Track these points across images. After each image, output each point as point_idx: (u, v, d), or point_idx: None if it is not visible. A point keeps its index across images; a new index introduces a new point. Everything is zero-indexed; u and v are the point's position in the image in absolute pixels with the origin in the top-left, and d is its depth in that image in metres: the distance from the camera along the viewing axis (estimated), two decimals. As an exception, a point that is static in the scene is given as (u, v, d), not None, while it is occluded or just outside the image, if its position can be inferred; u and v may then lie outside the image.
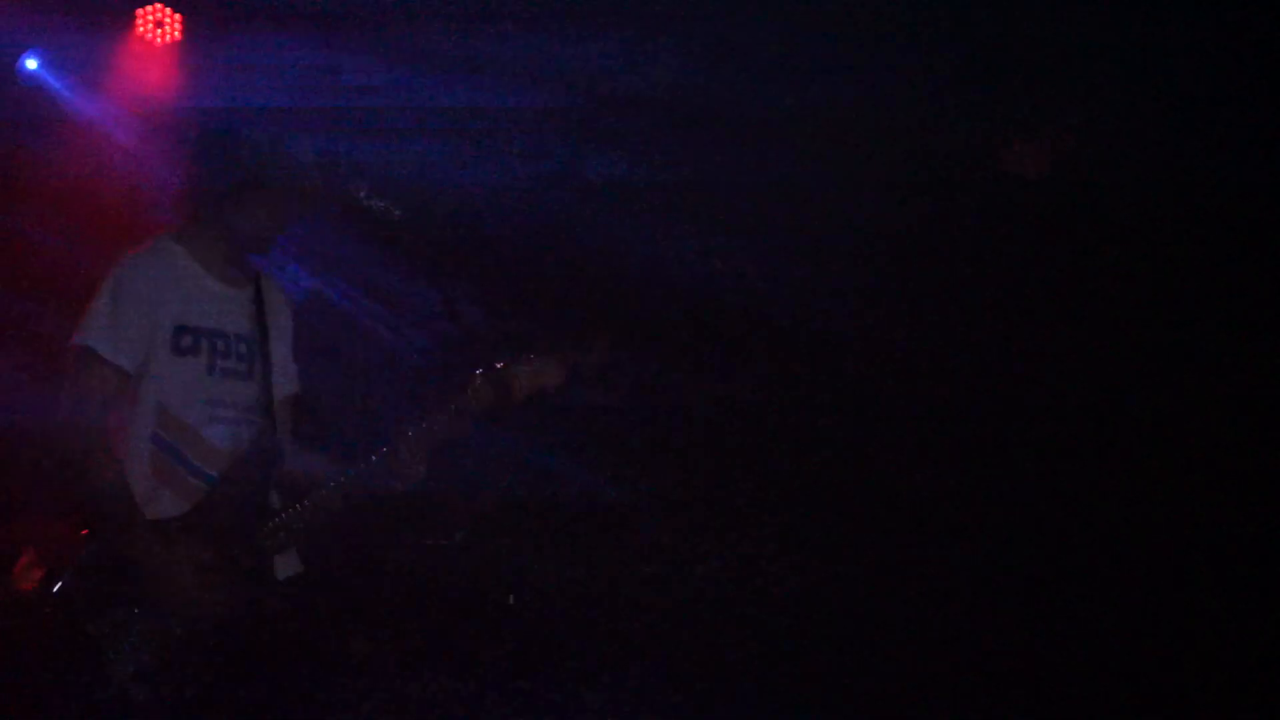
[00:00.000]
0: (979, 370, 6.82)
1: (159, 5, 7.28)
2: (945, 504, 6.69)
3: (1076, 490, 6.57)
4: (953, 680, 6.25)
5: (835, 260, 6.96)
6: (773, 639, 6.50)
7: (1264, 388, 6.46)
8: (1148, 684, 6.18)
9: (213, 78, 7.24)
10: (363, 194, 4.40)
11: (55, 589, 4.19)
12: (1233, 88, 6.35)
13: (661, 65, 7.01)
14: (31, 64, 7.23)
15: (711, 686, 6.35)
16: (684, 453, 6.99)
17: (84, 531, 4.24)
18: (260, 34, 7.02)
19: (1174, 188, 6.47)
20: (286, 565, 4.38)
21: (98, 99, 7.36)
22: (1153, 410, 6.58)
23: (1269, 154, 6.36)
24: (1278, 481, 6.35)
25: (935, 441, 6.84)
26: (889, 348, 6.95)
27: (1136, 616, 6.35)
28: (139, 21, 7.31)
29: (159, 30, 7.30)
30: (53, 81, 7.26)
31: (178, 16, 7.30)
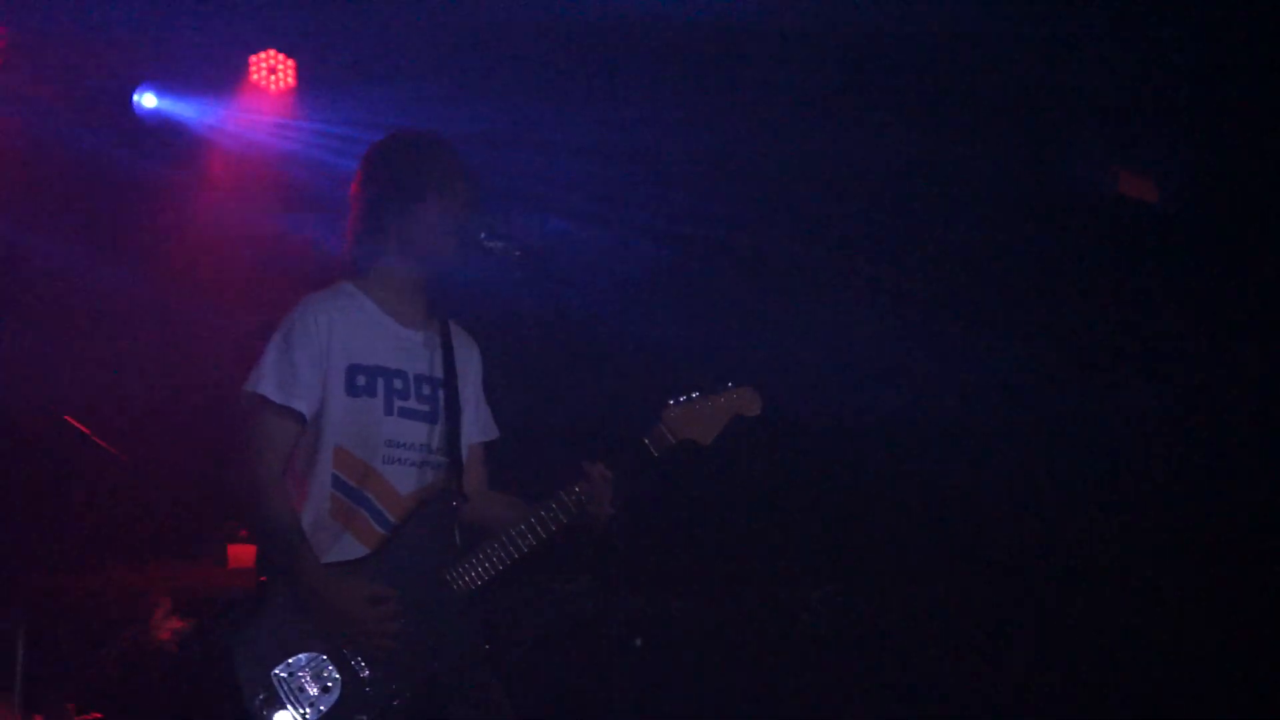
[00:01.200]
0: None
1: (272, 51, 7.40)
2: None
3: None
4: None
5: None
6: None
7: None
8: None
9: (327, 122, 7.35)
10: (482, 235, 4.38)
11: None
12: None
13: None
14: (148, 102, 7.35)
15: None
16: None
17: (262, 579, 4.24)
18: (375, 81, 7.11)
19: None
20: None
21: (221, 136, 7.50)
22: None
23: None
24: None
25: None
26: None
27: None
28: (252, 67, 7.43)
29: (272, 77, 7.42)
30: (173, 118, 7.39)
31: (291, 62, 7.43)
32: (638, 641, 6.11)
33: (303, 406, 4.24)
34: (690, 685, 6.42)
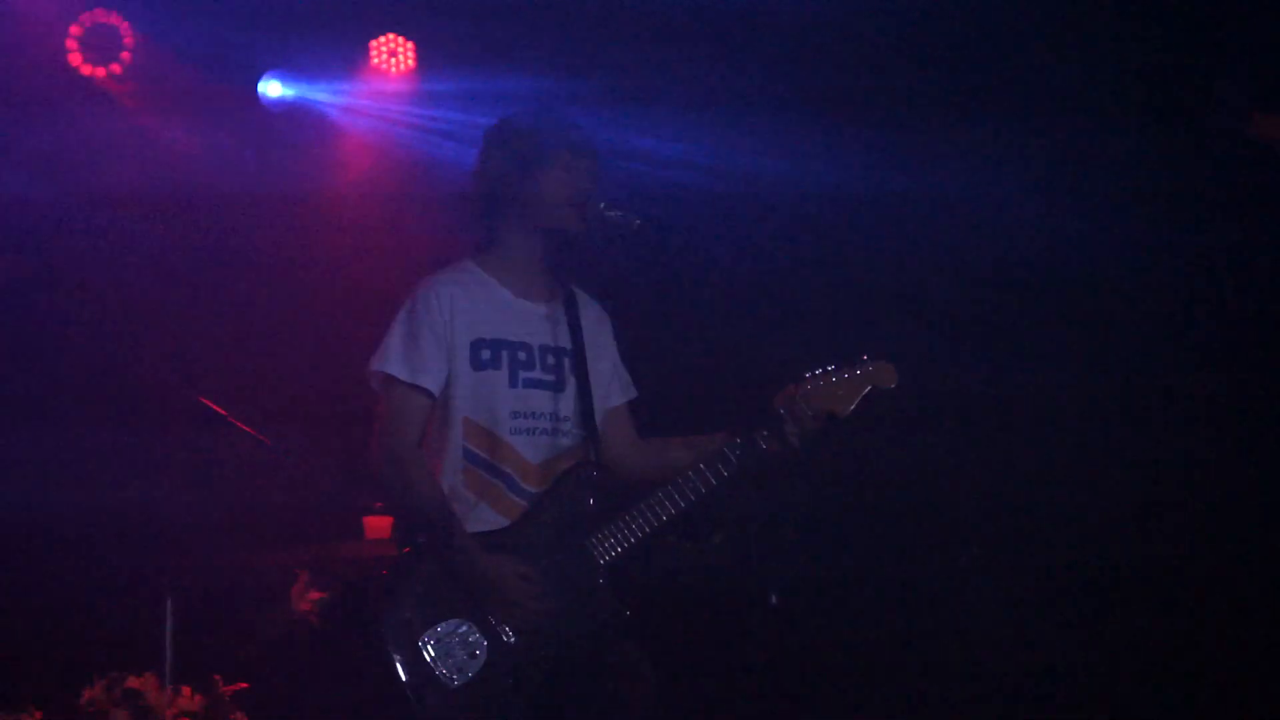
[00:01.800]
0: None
1: (393, 35, 7.52)
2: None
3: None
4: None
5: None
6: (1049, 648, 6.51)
7: None
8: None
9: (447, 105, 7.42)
10: (601, 205, 4.42)
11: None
12: None
13: None
14: (272, 90, 7.49)
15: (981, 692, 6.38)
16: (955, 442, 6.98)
17: (405, 550, 4.37)
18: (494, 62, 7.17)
19: None
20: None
21: (346, 120, 7.61)
22: None
23: None
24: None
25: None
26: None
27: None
28: (373, 51, 7.55)
29: (393, 60, 7.53)
30: (298, 104, 7.52)
31: (410, 44, 7.54)
32: (773, 599, 5.82)
33: (430, 383, 4.34)
34: (827, 646, 6.45)
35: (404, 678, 4.15)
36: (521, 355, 4.43)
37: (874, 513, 6.87)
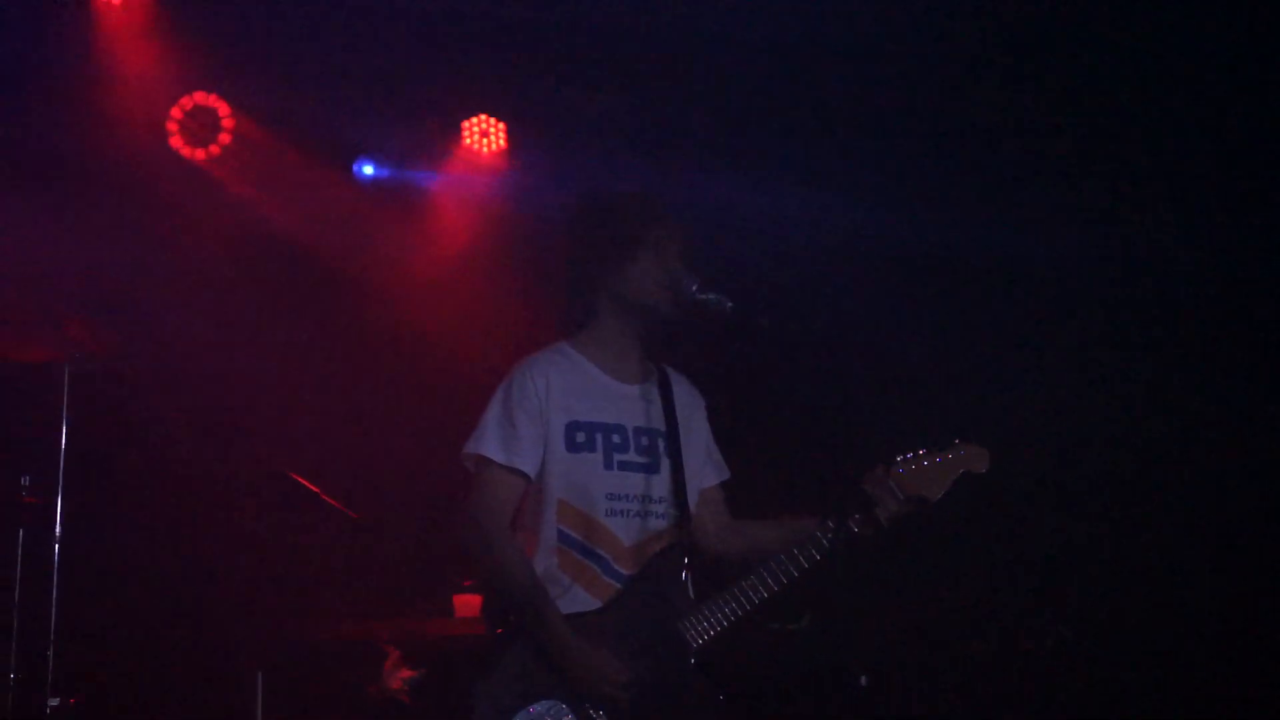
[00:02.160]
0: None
1: (484, 116, 7.65)
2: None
3: None
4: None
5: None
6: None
7: None
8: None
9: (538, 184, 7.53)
10: (695, 288, 4.37)
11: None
12: None
13: None
14: (368, 169, 7.60)
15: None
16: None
17: (498, 630, 4.32)
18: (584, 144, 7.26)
19: None
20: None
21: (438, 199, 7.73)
22: None
23: None
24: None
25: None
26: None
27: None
28: (465, 132, 7.69)
29: (484, 140, 7.67)
30: (393, 182, 7.65)
31: (502, 125, 7.67)
32: (863, 680, 6.06)
33: (526, 465, 4.33)
34: None
35: None
36: (616, 438, 4.42)
37: (960, 591, 6.85)
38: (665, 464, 4.44)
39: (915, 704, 6.27)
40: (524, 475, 4.34)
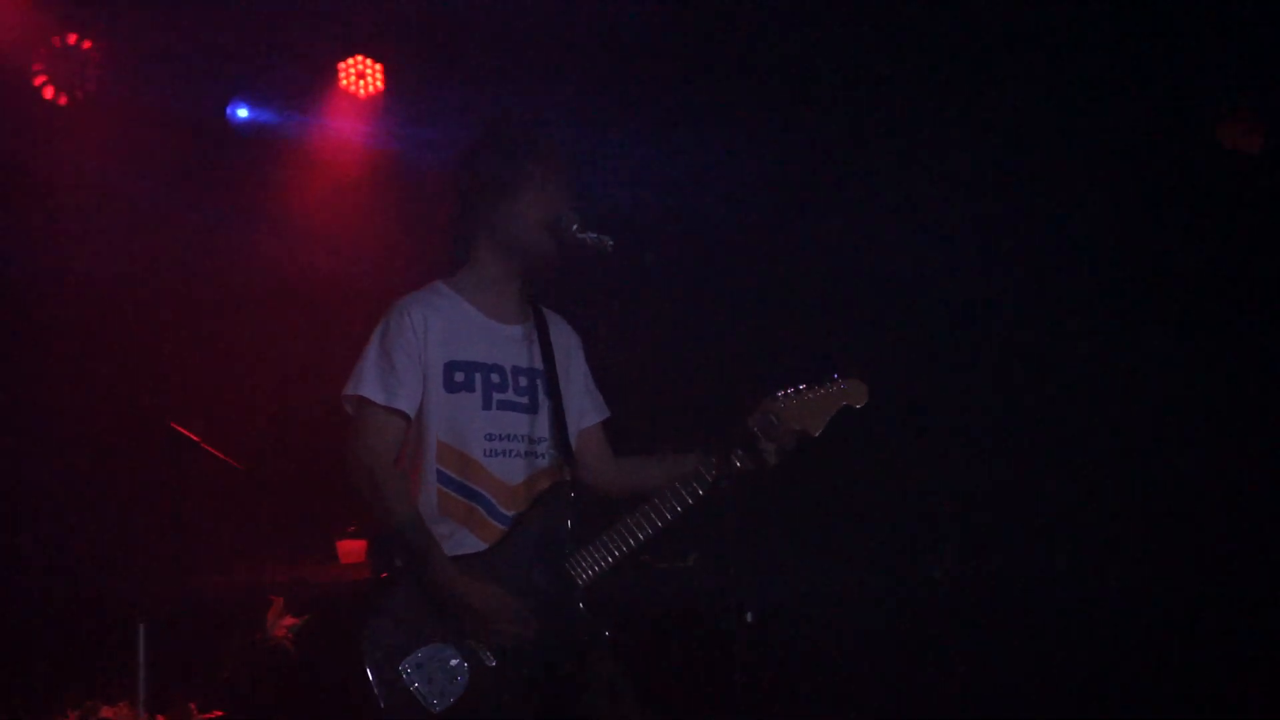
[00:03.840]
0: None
1: (361, 57, 7.55)
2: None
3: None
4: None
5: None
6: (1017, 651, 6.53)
7: None
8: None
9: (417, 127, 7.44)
10: (575, 227, 4.37)
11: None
12: None
13: None
14: (242, 113, 7.50)
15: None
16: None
17: (383, 574, 4.34)
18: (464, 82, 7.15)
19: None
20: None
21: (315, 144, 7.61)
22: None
23: None
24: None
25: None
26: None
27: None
28: (341, 73, 7.58)
29: (361, 82, 7.56)
30: (267, 125, 7.55)
31: (379, 66, 7.56)
32: (749, 617, 5.91)
33: (406, 405, 4.32)
34: (804, 664, 6.43)
35: (383, 704, 4.13)
36: (495, 377, 4.42)
37: (849, 527, 6.91)
38: (545, 404, 4.46)
39: (801, 640, 6.34)
40: (404, 415, 4.33)
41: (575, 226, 4.38)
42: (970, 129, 7.07)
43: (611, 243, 4.37)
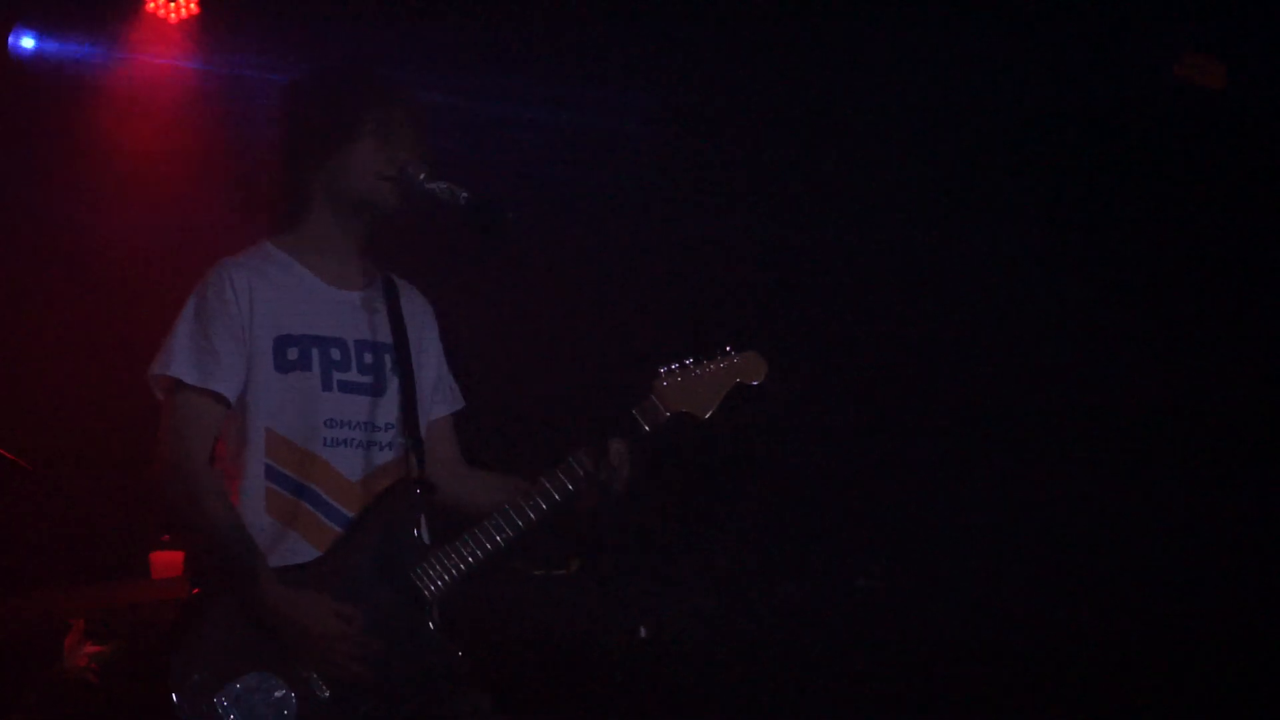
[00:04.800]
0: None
1: (171, -21, 7.08)
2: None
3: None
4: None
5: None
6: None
7: None
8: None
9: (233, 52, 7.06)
10: (422, 176, 4.06)
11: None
12: None
13: None
14: (28, 42, 7.02)
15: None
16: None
17: (195, 590, 3.96)
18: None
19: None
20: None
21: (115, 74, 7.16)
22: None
23: None
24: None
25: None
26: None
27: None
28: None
29: (172, 6, 7.08)
30: (57, 57, 7.07)
31: (196, -16, 7.12)
32: (642, 632, 5.81)
33: (224, 387, 3.99)
34: (702, 680, 6.07)
35: None
36: (335, 353, 4.09)
37: (762, 529, 6.67)
38: (392, 384, 4.14)
39: (699, 659, 6.04)
40: (223, 400, 3.99)
41: (423, 176, 4.08)
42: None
43: (465, 195, 4.06)
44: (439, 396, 4.33)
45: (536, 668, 5.82)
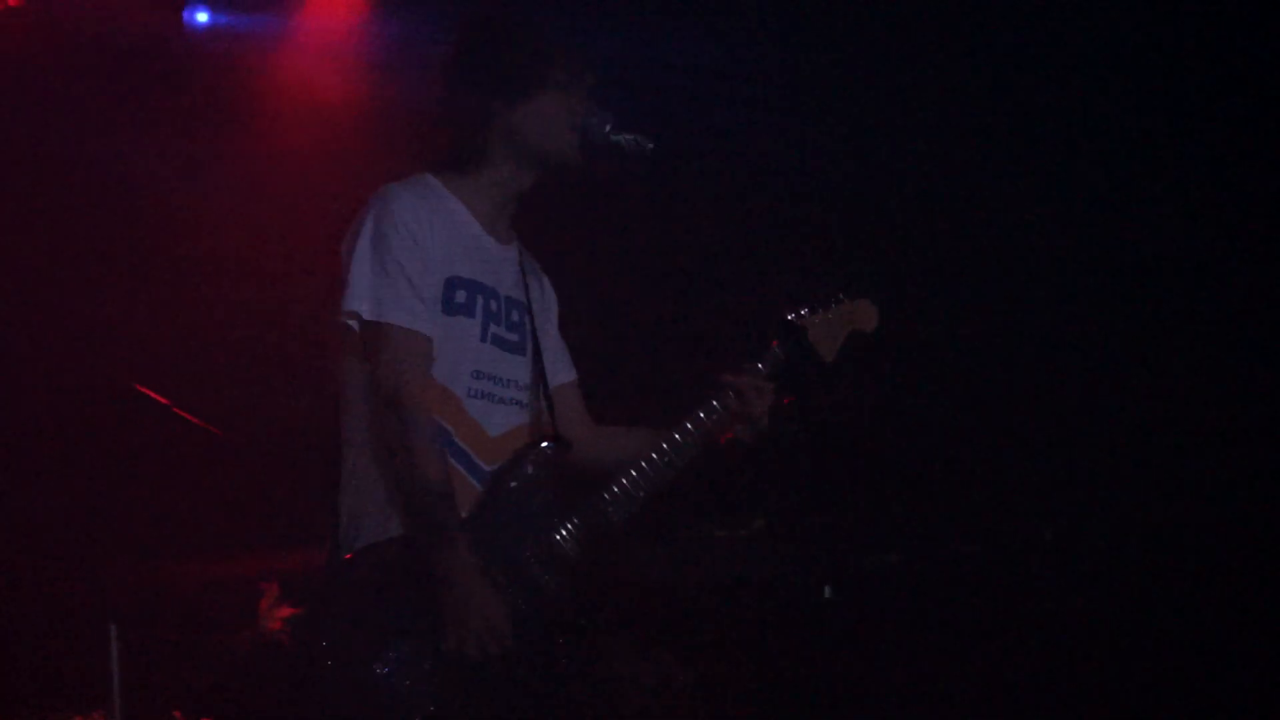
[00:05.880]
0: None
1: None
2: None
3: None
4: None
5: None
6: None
7: None
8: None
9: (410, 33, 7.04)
10: (608, 127, 4.02)
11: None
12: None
13: None
14: (202, 16, 7.13)
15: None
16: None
17: (347, 556, 3.86)
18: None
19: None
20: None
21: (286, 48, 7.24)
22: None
23: None
24: None
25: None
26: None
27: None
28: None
29: None
30: (233, 30, 7.17)
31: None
32: (827, 592, 5.71)
33: (425, 327, 3.82)
34: (892, 643, 5.97)
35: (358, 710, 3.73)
36: (494, 304, 3.99)
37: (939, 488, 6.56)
38: (529, 345, 4.08)
39: (889, 620, 5.92)
40: (429, 341, 3.82)
41: (609, 127, 4.02)
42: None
43: (652, 145, 4.03)
44: (562, 362, 4.26)
45: (721, 627, 5.75)
